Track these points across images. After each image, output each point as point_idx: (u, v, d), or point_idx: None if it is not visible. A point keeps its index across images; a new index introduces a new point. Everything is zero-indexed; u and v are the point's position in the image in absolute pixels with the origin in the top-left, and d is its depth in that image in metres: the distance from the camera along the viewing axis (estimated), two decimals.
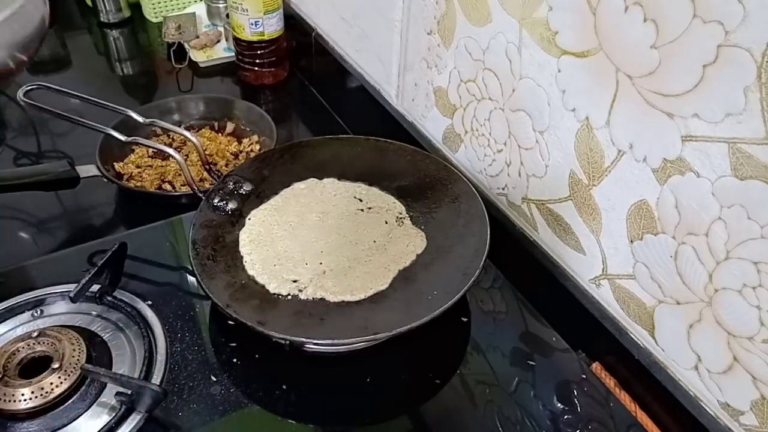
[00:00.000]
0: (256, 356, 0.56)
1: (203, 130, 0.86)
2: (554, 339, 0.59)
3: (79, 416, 0.49)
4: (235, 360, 0.56)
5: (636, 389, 0.55)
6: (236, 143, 0.84)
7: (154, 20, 1.14)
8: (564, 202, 0.56)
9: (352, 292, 0.56)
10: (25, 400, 0.48)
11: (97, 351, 0.54)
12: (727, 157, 0.40)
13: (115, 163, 0.78)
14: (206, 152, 0.78)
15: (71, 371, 0.50)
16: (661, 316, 0.50)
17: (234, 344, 0.57)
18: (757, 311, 0.42)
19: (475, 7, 0.59)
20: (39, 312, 0.58)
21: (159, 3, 1.12)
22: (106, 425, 0.48)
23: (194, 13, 1.08)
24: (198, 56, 1.02)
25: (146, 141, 0.73)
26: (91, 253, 0.64)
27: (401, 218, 0.65)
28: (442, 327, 0.57)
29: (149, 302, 0.59)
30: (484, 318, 0.61)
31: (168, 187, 0.76)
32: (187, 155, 0.79)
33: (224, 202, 0.64)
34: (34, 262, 0.65)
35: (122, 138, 0.70)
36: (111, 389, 0.51)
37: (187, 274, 0.64)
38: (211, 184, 0.66)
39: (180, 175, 0.76)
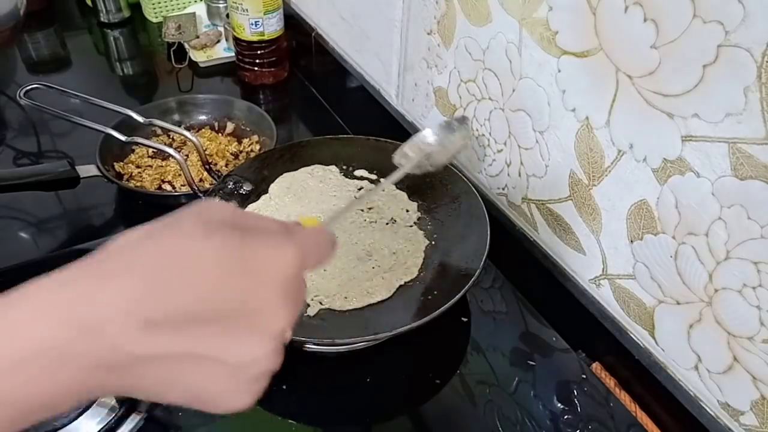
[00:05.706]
0: None
1: (203, 130, 0.86)
2: (554, 339, 0.59)
3: (79, 416, 0.49)
4: None
5: (636, 389, 0.55)
6: (236, 143, 0.84)
7: (154, 20, 1.14)
8: (564, 202, 0.56)
9: (351, 292, 0.56)
10: None
11: None
12: (727, 157, 0.40)
13: (115, 163, 0.78)
14: (206, 152, 0.78)
15: None
16: (661, 316, 0.50)
17: None
18: (757, 311, 0.42)
19: (475, 7, 0.59)
20: None
21: (159, 3, 1.12)
22: (106, 425, 0.48)
23: (194, 13, 1.08)
24: (198, 56, 1.02)
25: (146, 141, 0.73)
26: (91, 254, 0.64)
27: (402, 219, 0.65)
28: (442, 327, 0.57)
29: None
30: (484, 318, 0.61)
31: (168, 187, 0.76)
32: (187, 155, 0.79)
33: (224, 202, 0.64)
34: (34, 262, 0.66)
35: (122, 138, 0.70)
36: None
37: None
38: (211, 184, 0.66)
39: (180, 175, 0.76)
